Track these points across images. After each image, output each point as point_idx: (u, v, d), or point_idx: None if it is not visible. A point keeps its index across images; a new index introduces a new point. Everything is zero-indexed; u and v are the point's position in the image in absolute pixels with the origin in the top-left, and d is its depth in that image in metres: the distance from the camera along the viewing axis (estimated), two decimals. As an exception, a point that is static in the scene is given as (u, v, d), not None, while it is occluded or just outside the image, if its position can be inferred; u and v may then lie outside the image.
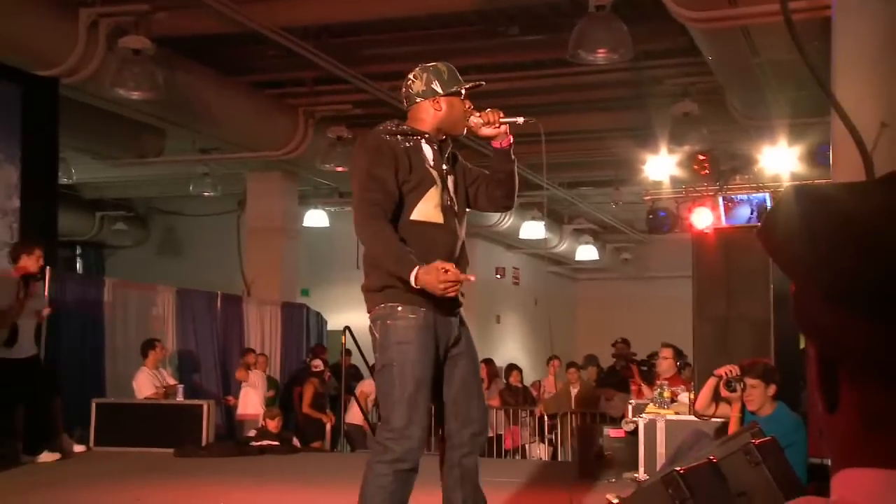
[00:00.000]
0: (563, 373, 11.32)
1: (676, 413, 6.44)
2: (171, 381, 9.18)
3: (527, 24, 8.70)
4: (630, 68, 9.02)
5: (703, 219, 7.48)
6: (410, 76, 3.48)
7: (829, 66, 5.56)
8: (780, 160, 8.63)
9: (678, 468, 2.75)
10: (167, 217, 16.04)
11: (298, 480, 6.77)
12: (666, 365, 8.07)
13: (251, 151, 11.27)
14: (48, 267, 8.73)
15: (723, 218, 7.54)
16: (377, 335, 3.33)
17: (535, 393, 11.96)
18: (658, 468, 5.80)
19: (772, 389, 5.10)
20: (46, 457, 7.34)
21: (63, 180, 11.47)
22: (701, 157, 8.70)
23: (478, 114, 3.43)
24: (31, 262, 7.25)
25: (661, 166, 9.70)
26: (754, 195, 7.65)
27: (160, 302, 10.39)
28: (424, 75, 3.44)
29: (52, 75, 8.19)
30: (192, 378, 10.33)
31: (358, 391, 11.11)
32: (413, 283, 3.16)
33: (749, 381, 5.11)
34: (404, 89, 3.50)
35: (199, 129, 10.50)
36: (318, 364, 10.71)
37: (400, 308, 3.28)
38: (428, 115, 3.43)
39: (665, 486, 2.70)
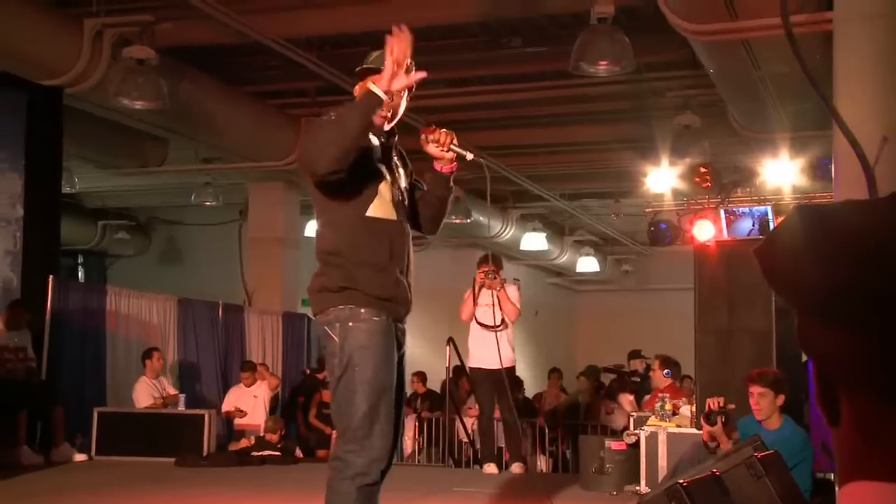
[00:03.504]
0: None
1: (678, 426, 6.44)
2: (172, 391, 9.17)
3: (529, 35, 8.73)
4: (631, 80, 9.04)
5: (704, 231, 7.49)
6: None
7: (831, 79, 5.58)
8: (782, 173, 8.65)
9: (681, 480, 2.75)
10: (168, 226, 16.05)
11: (298, 490, 6.77)
12: (655, 377, 8.13)
13: (253, 161, 11.28)
14: (51, 276, 8.76)
15: (724, 230, 7.56)
16: (335, 338, 3.09)
17: (536, 405, 11.95)
18: (660, 481, 5.80)
19: (780, 399, 5.10)
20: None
21: (66, 189, 11.49)
22: (702, 170, 8.72)
23: (433, 127, 3.30)
24: None
25: (662, 178, 9.72)
26: (756, 208, 7.66)
27: (162, 311, 10.39)
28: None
29: (56, 84, 8.21)
30: (194, 387, 10.32)
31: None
32: (384, 91, 3.01)
33: (758, 389, 5.12)
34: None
35: (201, 138, 10.52)
36: (326, 375, 10.68)
37: (363, 311, 3.09)
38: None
39: (668, 498, 2.70)
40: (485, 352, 7.53)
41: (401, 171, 3.32)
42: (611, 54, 7.05)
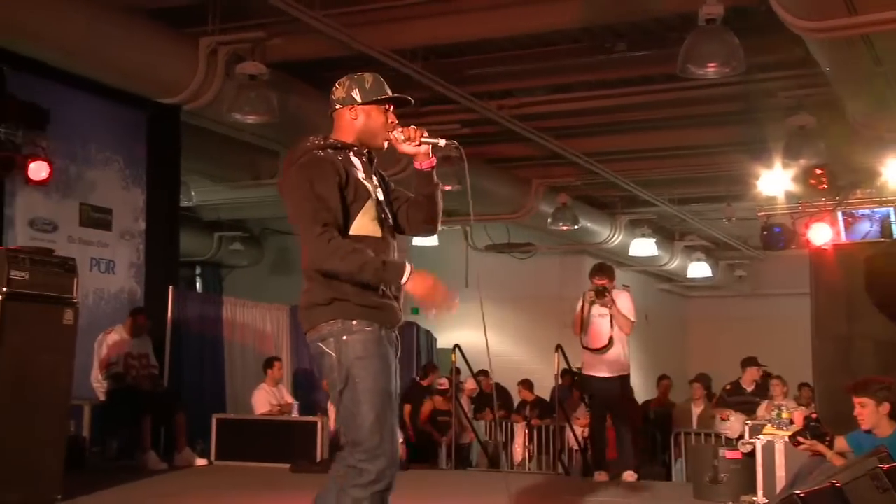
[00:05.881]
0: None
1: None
2: (289, 400, 9.34)
3: (634, 39, 8.62)
4: (742, 81, 8.81)
5: (821, 235, 7.26)
6: (337, 84, 3.38)
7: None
8: (906, 172, 8.29)
9: (798, 492, 2.66)
10: (280, 237, 16.42)
11: (409, 496, 6.82)
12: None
13: (360, 171, 11.45)
14: (171, 286, 9.10)
15: (842, 233, 7.31)
16: (332, 353, 3.15)
17: (646, 412, 11.75)
18: (777, 492, 5.63)
19: (885, 408, 4.93)
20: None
21: (184, 203, 11.90)
22: (818, 172, 8.42)
23: (400, 129, 3.31)
24: None
25: (775, 181, 9.45)
26: (877, 209, 7.38)
27: (275, 320, 10.65)
28: (347, 83, 3.34)
29: (174, 102, 8.53)
30: (307, 394, 10.53)
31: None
32: (405, 282, 3.07)
33: (859, 399, 4.99)
34: (331, 96, 3.39)
35: (311, 151, 10.73)
36: (443, 383, 10.80)
37: (355, 322, 3.12)
38: (346, 123, 3.32)
39: (786, 510, 2.62)
40: (598, 360, 7.52)
41: (380, 190, 3.35)
42: (720, 56, 6.89)
